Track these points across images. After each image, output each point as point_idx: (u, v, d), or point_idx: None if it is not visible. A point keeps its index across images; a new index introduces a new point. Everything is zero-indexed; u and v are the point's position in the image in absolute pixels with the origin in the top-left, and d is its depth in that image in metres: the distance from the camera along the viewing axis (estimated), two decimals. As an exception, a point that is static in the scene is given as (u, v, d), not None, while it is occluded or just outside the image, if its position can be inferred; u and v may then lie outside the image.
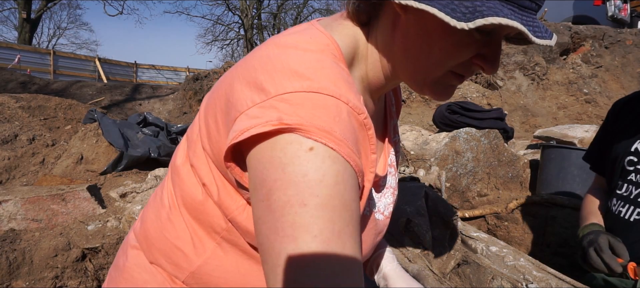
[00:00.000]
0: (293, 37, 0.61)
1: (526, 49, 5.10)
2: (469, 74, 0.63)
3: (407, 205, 1.29)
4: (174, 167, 0.72)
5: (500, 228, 2.51)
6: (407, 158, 2.58)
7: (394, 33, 0.62)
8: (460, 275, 1.30)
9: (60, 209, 2.08)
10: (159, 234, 0.71)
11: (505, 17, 0.51)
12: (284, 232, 0.49)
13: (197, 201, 0.66)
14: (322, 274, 0.48)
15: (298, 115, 0.50)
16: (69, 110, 4.73)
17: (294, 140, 0.50)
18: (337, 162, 0.50)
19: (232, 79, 0.59)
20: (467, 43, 0.59)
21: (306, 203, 0.49)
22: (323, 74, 0.54)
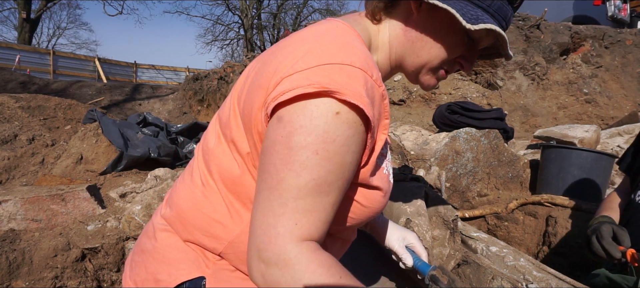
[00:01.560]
0: (325, 26, 0.75)
1: (526, 48, 5.10)
2: (452, 70, 0.82)
3: (407, 205, 1.28)
4: (207, 150, 0.80)
5: (500, 228, 2.50)
6: (407, 159, 2.58)
7: (405, 28, 0.79)
8: (460, 275, 1.30)
9: (60, 209, 2.08)
10: (196, 211, 0.78)
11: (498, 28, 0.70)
12: (292, 166, 0.62)
13: (235, 175, 0.74)
14: (304, 205, 0.63)
15: (336, 82, 0.62)
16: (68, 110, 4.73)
17: (328, 102, 0.62)
18: (351, 128, 0.64)
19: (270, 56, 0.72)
20: (459, 44, 0.77)
21: (318, 152, 0.62)
22: (354, 52, 0.66)
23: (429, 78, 0.82)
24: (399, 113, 4.70)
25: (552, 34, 5.27)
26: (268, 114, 0.66)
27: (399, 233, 1.07)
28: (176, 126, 3.79)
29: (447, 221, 1.25)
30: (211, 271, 0.77)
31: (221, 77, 7.33)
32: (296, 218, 0.63)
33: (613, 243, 1.22)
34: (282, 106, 0.64)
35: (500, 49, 0.77)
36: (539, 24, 5.21)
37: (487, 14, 0.72)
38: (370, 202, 0.77)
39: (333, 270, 0.64)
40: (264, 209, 0.64)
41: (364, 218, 0.80)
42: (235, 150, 0.75)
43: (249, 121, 0.71)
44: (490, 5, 0.73)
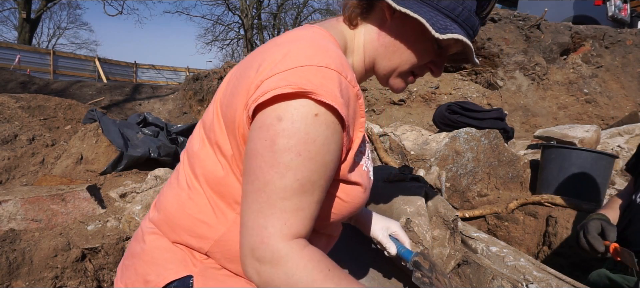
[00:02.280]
0: (302, 31, 0.80)
1: (526, 48, 5.10)
2: (420, 74, 0.88)
3: (407, 205, 1.28)
4: (192, 154, 0.84)
5: (500, 228, 2.50)
6: (407, 159, 2.57)
7: (379, 33, 0.84)
8: (460, 275, 1.30)
9: (60, 209, 2.08)
10: (182, 213, 0.82)
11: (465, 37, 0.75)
12: (277, 168, 0.67)
13: (219, 176, 0.78)
14: (291, 205, 0.68)
15: (312, 82, 0.66)
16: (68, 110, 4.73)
17: (306, 105, 0.66)
18: (330, 128, 0.68)
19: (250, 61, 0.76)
20: (429, 51, 0.83)
21: (301, 153, 0.67)
22: (329, 55, 0.71)
23: (399, 82, 0.87)
24: (399, 113, 4.69)
25: (553, 34, 5.27)
26: (250, 116, 0.70)
27: (383, 223, 1.12)
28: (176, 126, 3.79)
29: (447, 221, 1.25)
30: (198, 269, 0.80)
31: (221, 77, 7.33)
32: (285, 217, 0.68)
33: (598, 237, 1.26)
34: (262, 107, 0.68)
35: (467, 56, 0.83)
36: (539, 24, 5.21)
37: (456, 24, 0.78)
38: (351, 197, 0.82)
39: (322, 264, 0.70)
40: (253, 210, 0.69)
41: (345, 214, 0.84)
42: (219, 153, 0.78)
43: (232, 124, 0.75)
44: (458, 16, 0.78)
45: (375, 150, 2.51)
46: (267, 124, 0.67)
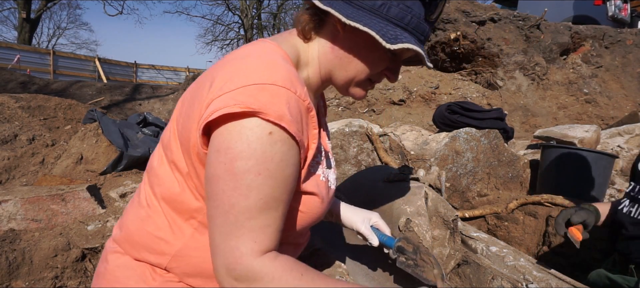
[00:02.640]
0: (252, 47, 0.82)
1: (526, 49, 5.10)
2: (378, 81, 0.90)
3: (407, 205, 1.28)
4: (151, 171, 0.88)
5: (500, 228, 2.50)
6: (407, 159, 2.58)
7: (332, 46, 0.85)
8: (460, 275, 1.30)
9: (60, 209, 2.08)
10: (141, 231, 0.85)
11: (415, 45, 0.77)
12: (240, 190, 0.70)
13: (175, 193, 0.82)
14: (257, 223, 0.72)
15: (260, 102, 0.68)
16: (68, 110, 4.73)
17: (259, 124, 0.69)
18: (286, 143, 0.71)
19: (203, 80, 0.78)
20: (383, 59, 0.84)
21: (260, 173, 0.70)
22: (277, 71, 0.73)
23: (358, 90, 0.89)
24: (399, 113, 4.69)
25: (552, 34, 5.26)
26: (201, 135, 0.73)
27: (363, 215, 1.15)
28: (176, 126, 3.78)
29: (447, 221, 1.25)
30: (158, 283, 0.83)
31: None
32: (253, 236, 0.71)
33: (561, 223, 1.40)
34: (215, 127, 0.71)
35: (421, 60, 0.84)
36: (539, 24, 5.21)
37: (406, 32, 0.80)
38: (308, 207, 0.85)
39: (295, 271, 0.74)
40: (223, 233, 0.72)
41: (305, 224, 0.87)
42: (176, 170, 0.82)
43: (187, 143, 0.78)
44: (408, 24, 0.80)
45: (375, 150, 2.52)
46: (224, 148, 0.70)
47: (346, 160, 2.46)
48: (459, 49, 5.08)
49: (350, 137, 2.47)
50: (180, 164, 0.80)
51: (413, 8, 0.80)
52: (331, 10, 0.78)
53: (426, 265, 1.13)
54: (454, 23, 5.12)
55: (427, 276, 1.11)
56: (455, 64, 5.31)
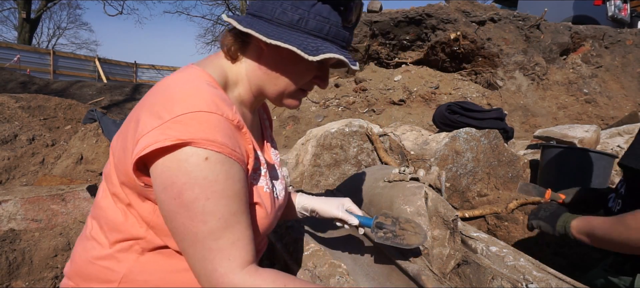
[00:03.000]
0: (176, 76, 0.85)
1: (526, 49, 5.11)
2: (309, 89, 0.95)
3: (407, 205, 1.28)
4: (96, 203, 0.92)
5: (500, 228, 2.50)
6: (407, 159, 2.58)
7: (259, 63, 0.89)
8: (460, 275, 1.30)
9: (60, 209, 2.08)
10: (88, 262, 0.88)
11: (336, 53, 0.82)
12: (196, 218, 0.74)
13: (119, 222, 0.86)
14: (225, 241, 0.76)
15: (189, 132, 0.72)
16: (68, 110, 4.72)
17: (194, 153, 0.72)
18: (225, 163, 0.75)
19: (136, 116, 0.80)
20: (310, 68, 0.89)
21: (209, 197, 0.74)
22: (200, 98, 0.76)
23: (291, 101, 0.94)
24: (399, 113, 4.70)
25: (552, 34, 5.27)
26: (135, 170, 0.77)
27: (336, 202, 1.19)
28: (176, 126, 3.79)
29: (447, 221, 1.25)
30: None
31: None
32: (226, 254, 0.75)
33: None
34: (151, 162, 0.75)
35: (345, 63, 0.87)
36: (539, 24, 5.21)
37: (327, 42, 0.84)
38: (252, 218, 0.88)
39: (278, 282, 0.79)
40: (198, 261, 0.76)
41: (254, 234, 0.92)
42: (118, 201, 0.86)
43: (125, 177, 0.82)
44: (327, 34, 0.84)
45: (375, 150, 2.52)
46: (169, 184, 0.74)
47: (346, 160, 2.46)
48: (459, 49, 5.08)
49: (350, 137, 2.48)
50: (121, 196, 0.85)
51: (330, 18, 0.84)
52: (252, 32, 0.81)
53: (406, 232, 1.15)
54: (454, 23, 5.12)
55: (409, 242, 1.12)
56: (455, 64, 5.31)
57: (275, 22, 0.83)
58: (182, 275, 0.87)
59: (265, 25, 0.83)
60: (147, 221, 0.85)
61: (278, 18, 0.83)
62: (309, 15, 0.83)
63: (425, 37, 5.40)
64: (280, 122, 4.76)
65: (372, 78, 5.33)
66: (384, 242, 1.11)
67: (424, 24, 5.30)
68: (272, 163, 1.03)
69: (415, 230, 1.15)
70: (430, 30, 5.32)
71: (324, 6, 0.83)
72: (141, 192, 0.82)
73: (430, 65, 5.46)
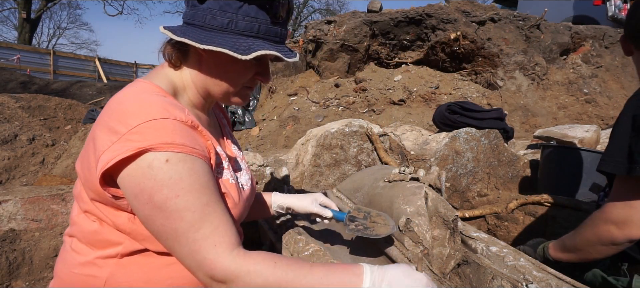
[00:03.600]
0: (125, 92, 0.89)
1: (526, 49, 5.11)
2: (254, 85, 1.00)
3: (407, 205, 1.28)
4: (71, 222, 0.96)
5: (500, 228, 2.50)
6: (407, 159, 2.58)
7: (200, 68, 0.94)
8: (460, 275, 1.30)
9: (60, 209, 2.08)
10: (70, 274, 0.91)
11: (267, 49, 0.86)
12: (172, 217, 0.78)
13: (94, 230, 0.90)
14: (206, 230, 0.80)
15: (147, 139, 0.77)
16: (69, 110, 4.72)
17: (155, 158, 0.77)
18: (186, 161, 0.80)
19: (92, 136, 0.85)
20: (248, 67, 0.94)
21: (178, 194, 0.78)
22: (152, 107, 0.81)
23: (238, 98, 0.99)
24: (399, 113, 4.69)
25: (552, 34, 5.27)
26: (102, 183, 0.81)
27: (311, 198, 1.25)
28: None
29: (447, 221, 1.25)
30: None
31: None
32: (211, 241, 0.79)
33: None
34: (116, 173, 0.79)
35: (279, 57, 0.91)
36: (539, 24, 5.21)
37: (259, 40, 0.89)
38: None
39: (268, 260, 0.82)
40: (187, 256, 0.80)
41: None
42: (91, 215, 0.91)
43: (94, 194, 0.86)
44: (258, 32, 0.88)
45: (375, 150, 2.52)
46: (138, 191, 0.78)
47: (346, 160, 2.46)
48: (459, 49, 5.08)
49: (350, 137, 2.48)
50: (95, 211, 0.89)
51: (258, 17, 0.88)
52: (186, 40, 0.86)
53: (376, 224, 1.21)
54: (454, 23, 5.12)
55: (378, 232, 1.18)
56: (455, 64, 5.31)
57: (207, 28, 0.87)
58: (163, 271, 0.90)
59: (198, 32, 0.88)
60: (123, 230, 0.88)
61: (209, 24, 0.87)
62: (237, 17, 0.87)
63: (425, 37, 5.40)
64: (280, 122, 4.76)
65: (372, 78, 5.33)
66: (355, 233, 1.18)
67: (424, 24, 5.30)
68: (234, 156, 1.09)
69: (385, 222, 1.22)
70: (430, 30, 5.32)
71: (250, 7, 0.87)
72: (113, 204, 0.86)
73: (430, 65, 5.46)
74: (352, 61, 5.54)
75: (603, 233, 1.25)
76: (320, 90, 5.21)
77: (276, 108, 5.26)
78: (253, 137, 4.70)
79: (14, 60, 13.35)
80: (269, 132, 4.63)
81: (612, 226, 1.22)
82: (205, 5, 0.88)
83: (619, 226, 1.20)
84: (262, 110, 5.43)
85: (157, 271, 0.90)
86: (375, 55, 5.62)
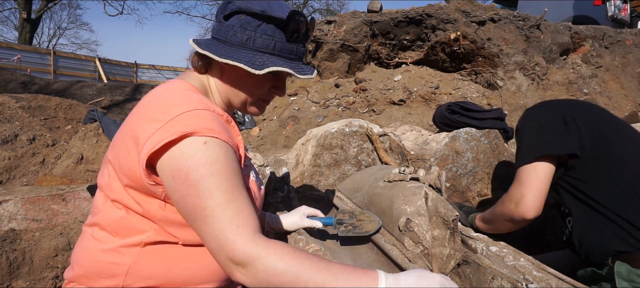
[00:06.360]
0: (161, 88, 0.97)
1: (526, 49, 5.11)
2: (270, 98, 1.09)
3: (407, 205, 1.29)
4: (95, 209, 1.00)
5: (500, 228, 2.50)
6: (407, 159, 2.58)
7: (222, 78, 1.04)
8: (460, 275, 1.30)
9: (61, 209, 2.09)
10: (93, 262, 0.95)
11: (280, 66, 0.95)
12: (204, 194, 0.83)
13: (120, 218, 0.94)
14: (232, 211, 0.84)
15: (190, 125, 0.84)
16: (69, 110, 4.73)
17: (193, 141, 0.84)
18: (222, 146, 0.87)
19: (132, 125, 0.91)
20: (265, 81, 1.03)
21: (213, 174, 0.84)
22: (192, 100, 0.90)
23: (254, 109, 1.07)
24: (399, 113, 4.70)
25: (552, 34, 5.27)
26: (145, 168, 0.85)
27: (298, 213, 1.33)
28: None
29: (447, 221, 1.25)
30: None
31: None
32: (235, 222, 0.83)
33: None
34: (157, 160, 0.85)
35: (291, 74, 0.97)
36: (539, 24, 5.21)
37: (274, 56, 0.96)
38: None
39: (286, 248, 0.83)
40: (211, 234, 0.83)
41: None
42: (118, 204, 0.94)
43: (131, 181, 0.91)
44: (274, 49, 0.96)
45: (375, 150, 2.52)
46: (176, 171, 0.84)
47: (346, 160, 2.47)
48: (459, 49, 5.08)
49: (350, 137, 2.48)
50: (124, 199, 0.93)
51: (275, 35, 0.96)
52: (208, 53, 0.95)
53: (363, 222, 1.29)
54: (454, 23, 5.12)
55: (366, 229, 1.27)
56: (455, 64, 5.31)
57: (229, 43, 0.96)
58: (184, 262, 0.94)
59: (220, 46, 0.96)
60: (153, 217, 0.93)
61: (230, 39, 0.96)
62: (255, 35, 0.95)
63: (425, 37, 5.40)
64: (280, 122, 4.77)
65: (372, 78, 5.33)
66: (346, 234, 1.25)
67: (424, 24, 5.30)
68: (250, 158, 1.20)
69: (371, 219, 1.30)
70: (430, 30, 5.33)
71: (268, 26, 0.95)
72: (148, 190, 0.90)
73: (431, 65, 5.47)
74: (352, 61, 5.55)
75: (505, 210, 1.57)
76: (320, 90, 5.21)
77: (276, 108, 5.26)
78: (253, 136, 4.71)
79: (15, 60, 13.35)
80: (269, 132, 4.63)
81: (512, 204, 1.54)
82: (229, 22, 0.96)
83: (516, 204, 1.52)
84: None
85: (178, 261, 0.94)
86: (375, 55, 5.62)
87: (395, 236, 1.28)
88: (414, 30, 5.38)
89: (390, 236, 1.29)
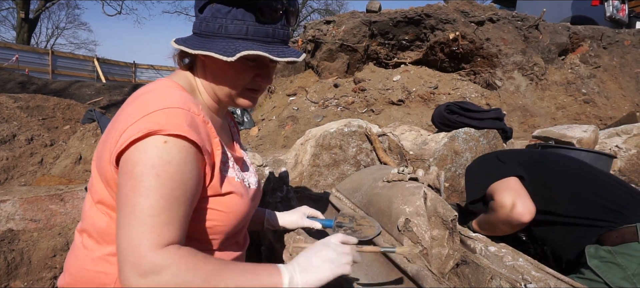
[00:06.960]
0: (146, 87, 0.95)
1: (525, 49, 5.12)
2: (257, 87, 1.01)
3: (406, 205, 1.29)
4: (83, 216, 0.98)
5: (499, 228, 2.50)
6: (406, 159, 2.58)
7: (205, 74, 1.00)
8: (459, 275, 1.30)
9: (59, 209, 2.08)
10: (82, 271, 0.93)
11: (255, 50, 0.89)
12: (140, 191, 0.77)
13: (104, 226, 0.91)
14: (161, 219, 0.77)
15: (157, 123, 0.80)
16: (67, 110, 4.72)
17: (155, 138, 0.80)
18: (182, 150, 0.82)
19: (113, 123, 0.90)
20: (246, 69, 0.96)
21: (159, 174, 0.78)
22: (170, 98, 0.87)
23: (242, 100, 1.01)
24: (398, 113, 4.70)
25: (551, 34, 5.28)
26: (114, 164, 0.83)
27: (299, 213, 1.32)
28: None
29: (446, 221, 1.25)
30: None
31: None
32: (157, 231, 0.76)
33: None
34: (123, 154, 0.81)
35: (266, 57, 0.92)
36: (537, 24, 5.22)
37: (247, 41, 0.91)
38: (229, 207, 0.95)
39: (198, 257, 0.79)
40: (127, 232, 0.76)
41: (234, 223, 0.98)
42: (103, 206, 0.92)
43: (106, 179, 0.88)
44: (247, 34, 0.91)
45: (374, 150, 2.52)
46: (126, 161, 0.80)
47: (345, 160, 2.47)
48: (458, 49, 5.09)
49: (349, 137, 2.48)
50: (107, 201, 0.91)
51: (245, 19, 0.91)
52: (181, 47, 0.92)
53: (363, 227, 1.29)
54: (452, 23, 5.12)
55: (366, 234, 1.27)
56: (454, 64, 5.32)
57: (204, 35, 0.93)
58: None
59: (193, 39, 0.94)
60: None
61: (204, 30, 0.93)
62: (226, 21, 0.91)
63: (424, 37, 5.40)
64: (279, 122, 4.76)
65: (371, 78, 5.33)
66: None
67: (423, 24, 5.30)
68: (241, 157, 1.13)
69: (370, 224, 1.30)
70: (429, 31, 5.33)
71: (238, 10, 0.91)
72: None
73: (429, 66, 5.47)
74: (351, 61, 5.55)
75: (500, 215, 1.66)
76: (319, 90, 5.21)
77: (275, 108, 5.26)
78: (252, 137, 4.70)
79: (13, 60, 13.32)
80: (268, 132, 4.63)
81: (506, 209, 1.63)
82: (203, 14, 0.93)
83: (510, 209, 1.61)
84: (261, 110, 5.43)
85: None
86: (374, 55, 5.62)
87: (394, 236, 1.28)
88: (412, 30, 5.39)
89: (389, 236, 1.29)
